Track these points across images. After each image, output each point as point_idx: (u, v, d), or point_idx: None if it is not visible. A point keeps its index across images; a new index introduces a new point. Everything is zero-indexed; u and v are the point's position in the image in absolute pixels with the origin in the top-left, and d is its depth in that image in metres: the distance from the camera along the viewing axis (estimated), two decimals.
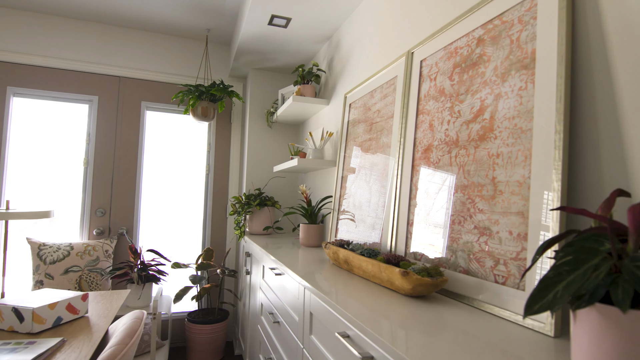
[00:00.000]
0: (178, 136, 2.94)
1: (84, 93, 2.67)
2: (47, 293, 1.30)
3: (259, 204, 2.47)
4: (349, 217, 1.67)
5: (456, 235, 1.01)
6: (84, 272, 2.36)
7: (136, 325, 0.99)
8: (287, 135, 2.89)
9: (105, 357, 0.82)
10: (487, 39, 1.00)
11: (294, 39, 2.30)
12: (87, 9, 2.50)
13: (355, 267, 1.19)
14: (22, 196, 2.54)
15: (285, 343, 1.37)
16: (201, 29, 2.75)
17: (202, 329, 2.48)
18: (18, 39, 2.54)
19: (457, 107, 1.08)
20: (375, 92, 1.59)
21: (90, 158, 2.66)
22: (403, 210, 1.25)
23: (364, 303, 0.89)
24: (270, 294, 1.65)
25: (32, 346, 1.02)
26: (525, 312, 0.50)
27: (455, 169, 1.05)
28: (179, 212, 2.92)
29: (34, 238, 2.39)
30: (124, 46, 2.77)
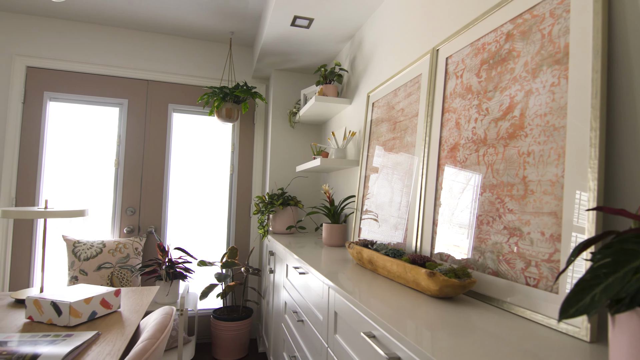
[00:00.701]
0: (203, 137, 3.01)
1: (115, 96, 2.77)
2: (82, 288, 1.36)
3: (281, 203, 2.49)
4: (372, 217, 1.66)
5: (484, 236, 0.98)
6: (115, 269, 2.45)
7: (166, 321, 1.02)
8: (310, 135, 2.91)
9: (138, 350, 0.86)
10: (516, 34, 0.97)
11: (316, 39, 2.31)
12: (117, 16, 2.60)
13: (379, 267, 1.18)
14: (58, 195, 2.68)
15: (309, 342, 1.38)
16: (225, 31, 2.80)
17: (227, 326, 2.53)
18: (53, 46, 2.67)
19: (485, 105, 1.05)
20: (399, 91, 1.58)
21: (121, 159, 2.76)
22: (428, 211, 1.23)
23: (388, 303, 0.89)
24: (294, 293, 1.66)
25: (69, 339, 1.07)
26: (561, 316, 0.48)
27: (483, 168, 1.02)
28: (204, 212, 2.99)
29: (69, 235, 2.51)
30: (152, 51, 2.86)
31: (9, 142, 2.54)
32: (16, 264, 2.55)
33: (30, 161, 2.59)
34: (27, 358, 0.93)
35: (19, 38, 2.62)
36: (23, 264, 2.56)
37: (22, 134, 2.59)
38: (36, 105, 2.63)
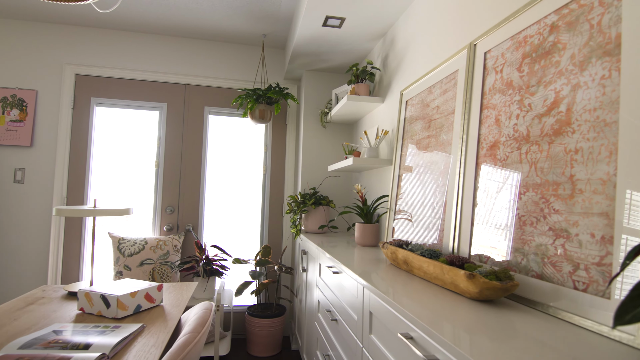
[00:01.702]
0: (237, 138, 3.09)
1: (155, 101, 2.91)
2: (127, 283, 1.44)
3: (314, 203, 2.51)
4: (406, 216, 1.64)
5: (527, 237, 0.94)
6: (157, 265, 2.57)
7: (206, 316, 1.06)
8: (341, 135, 2.90)
9: (181, 343, 0.89)
10: (561, 25, 0.93)
11: (348, 38, 2.30)
12: (157, 24, 2.72)
13: (415, 268, 1.16)
14: (104, 195, 2.84)
15: (343, 341, 1.38)
16: (258, 34, 2.86)
17: (261, 323, 2.58)
18: (99, 54, 2.83)
19: (528, 100, 1.01)
20: (434, 88, 1.54)
21: (161, 160, 2.89)
22: (466, 211, 1.20)
23: (425, 305, 0.87)
24: (328, 292, 1.67)
25: (117, 330, 1.13)
26: (615, 322, 0.46)
27: (526, 166, 0.98)
28: (238, 211, 3.07)
29: (115, 233, 2.66)
30: (188, 56, 2.97)
31: (61, 145, 2.73)
32: (67, 258, 2.73)
33: (79, 163, 2.77)
34: (80, 347, 0.99)
35: (69, 48, 2.81)
36: (73, 258, 2.74)
37: (72, 138, 2.77)
38: (84, 110, 2.80)
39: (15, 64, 2.73)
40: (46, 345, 1.00)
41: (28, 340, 1.02)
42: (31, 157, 2.72)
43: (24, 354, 0.92)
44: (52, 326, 1.15)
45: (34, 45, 2.76)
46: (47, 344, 1.01)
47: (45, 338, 1.05)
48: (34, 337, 1.06)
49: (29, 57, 2.75)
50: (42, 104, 2.75)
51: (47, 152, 2.74)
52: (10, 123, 2.69)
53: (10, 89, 2.71)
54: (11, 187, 2.69)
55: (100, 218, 2.82)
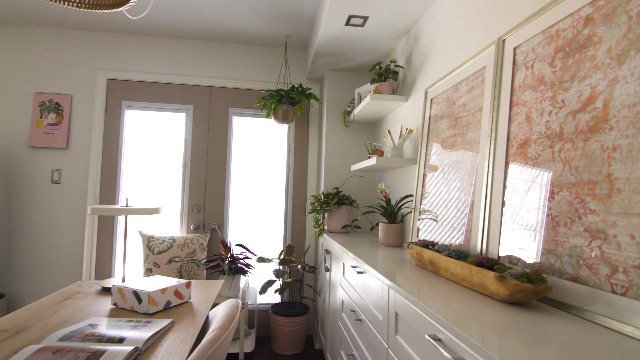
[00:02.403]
0: (261, 138, 3.13)
1: (182, 103, 2.99)
2: (157, 279, 1.49)
3: (337, 202, 2.51)
4: (431, 217, 1.61)
5: (561, 239, 0.91)
6: (184, 262, 2.64)
7: (234, 313, 1.08)
8: (364, 134, 2.89)
9: (209, 339, 0.92)
10: (597, 18, 0.89)
11: (371, 37, 2.29)
12: (184, 28, 2.80)
13: (442, 269, 1.14)
14: (134, 194, 2.95)
15: (368, 341, 1.38)
16: (280, 35, 2.89)
17: (285, 321, 2.60)
18: (129, 59, 2.94)
19: (561, 96, 0.97)
20: (461, 85, 1.51)
21: (188, 161, 2.97)
22: (495, 211, 1.16)
23: (453, 306, 0.86)
24: (352, 292, 1.67)
25: (149, 325, 1.17)
26: None
27: (560, 165, 0.94)
28: (262, 210, 3.11)
29: (145, 231, 2.75)
30: (213, 59, 3.04)
31: (94, 147, 2.85)
32: (100, 255, 2.85)
33: (111, 164, 2.89)
34: (114, 340, 1.04)
35: (101, 54, 2.93)
36: (106, 255, 2.86)
37: (104, 140, 2.89)
38: (115, 113, 2.92)
39: (52, 70, 2.88)
40: (83, 338, 1.05)
41: (67, 333, 1.08)
42: (67, 158, 2.85)
43: (63, 345, 0.97)
44: (88, 320, 1.21)
45: (69, 52, 2.90)
46: (84, 336, 1.06)
47: (82, 331, 1.10)
48: (72, 329, 1.11)
49: (64, 64, 2.89)
50: (76, 107, 2.88)
51: (81, 154, 2.87)
52: (48, 126, 2.84)
53: (47, 94, 2.85)
54: (49, 187, 2.83)
55: (131, 217, 2.92)
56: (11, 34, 2.86)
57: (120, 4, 1.15)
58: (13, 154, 2.81)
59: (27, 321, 1.22)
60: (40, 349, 0.94)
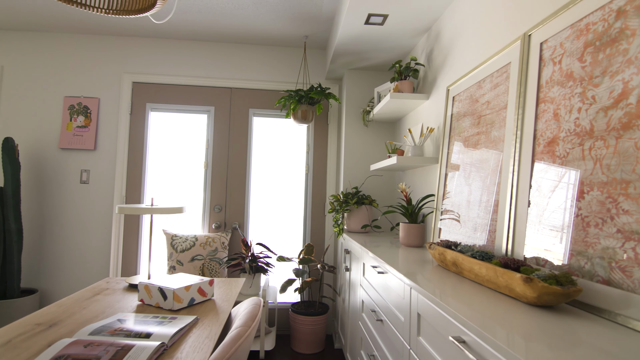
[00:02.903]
0: (280, 139, 3.15)
1: (203, 104, 3.05)
2: (181, 277, 1.52)
3: (356, 202, 2.50)
4: (453, 217, 1.58)
5: (592, 240, 0.88)
6: (206, 261, 2.69)
7: (256, 311, 1.10)
8: (384, 134, 2.87)
9: (233, 336, 0.93)
10: (629, 10, 0.85)
11: (391, 35, 2.27)
12: (206, 31, 2.85)
13: (465, 270, 1.12)
14: (158, 194, 3.03)
15: (389, 342, 1.37)
16: (300, 36, 2.90)
17: (305, 320, 2.62)
18: (153, 63, 3.02)
19: (591, 92, 0.94)
20: (484, 82, 1.48)
21: (209, 161, 3.02)
22: (521, 211, 1.13)
23: (477, 308, 0.84)
24: (372, 292, 1.66)
25: (174, 321, 1.21)
26: None
27: (590, 163, 0.91)
28: (281, 209, 3.13)
29: (168, 230, 2.82)
30: (234, 60, 3.08)
31: (120, 148, 2.95)
32: (126, 253, 2.94)
33: (136, 164, 2.98)
34: (142, 335, 1.07)
35: (126, 58, 3.02)
36: (131, 253, 2.95)
37: (130, 141, 2.98)
38: (140, 115, 3.00)
39: (81, 75, 2.99)
40: (112, 332, 1.09)
41: (97, 328, 1.12)
42: (95, 159, 2.96)
43: (93, 339, 1.01)
44: (117, 315, 1.25)
45: (96, 56, 3.01)
46: (113, 331, 1.09)
47: (111, 326, 1.14)
48: (101, 324, 1.15)
49: (92, 68, 3.00)
50: (103, 110, 2.98)
51: (108, 155, 2.97)
52: (77, 129, 2.95)
53: (76, 97, 2.97)
54: (78, 187, 2.95)
55: (155, 216, 3.00)
56: (43, 41, 2.99)
57: (146, 9, 1.18)
58: (45, 156, 2.94)
59: (60, 315, 1.27)
60: (72, 342, 0.98)
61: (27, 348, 1.01)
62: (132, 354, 0.92)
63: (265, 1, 2.40)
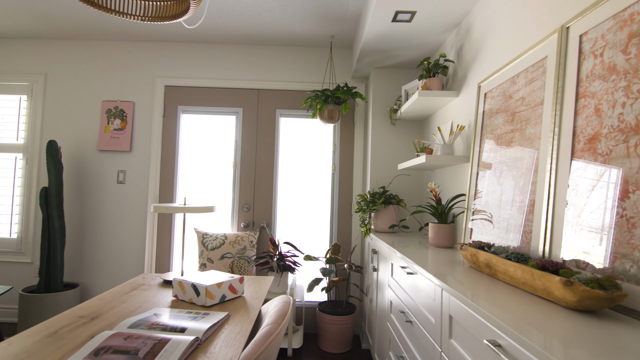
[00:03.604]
0: (307, 139, 3.17)
1: (232, 106, 3.12)
2: (213, 274, 1.57)
3: (383, 202, 2.48)
4: (485, 217, 1.54)
5: (638, 242, 0.83)
6: (235, 259, 2.75)
7: (286, 308, 1.11)
8: (411, 132, 2.83)
9: (264, 332, 0.95)
10: None
11: (418, 32, 2.23)
12: (234, 34, 2.91)
13: (499, 272, 1.09)
14: (188, 193, 3.12)
15: (419, 344, 1.35)
16: (326, 36, 2.91)
17: (332, 319, 2.62)
18: (184, 67, 3.12)
19: (637, 86, 0.88)
20: (518, 78, 1.43)
21: (238, 161, 3.09)
22: (559, 211, 1.09)
23: (512, 312, 0.81)
24: (401, 293, 1.64)
25: (207, 317, 1.24)
26: None
27: (636, 161, 0.86)
28: (308, 209, 3.15)
29: (200, 228, 2.90)
30: (261, 62, 3.13)
31: (154, 149, 3.06)
32: (159, 250, 3.06)
33: (169, 165, 3.08)
34: (177, 330, 1.11)
35: (159, 62, 3.13)
36: (164, 250, 3.06)
37: (163, 143, 3.09)
38: (172, 118, 3.11)
39: (117, 80, 3.13)
40: (149, 326, 1.13)
41: (135, 321, 1.17)
42: (130, 160, 3.09)
43: (133, 332, 1.05)
44: (153, 310, 1.30)
45: (131, 62, 3.14)
46: (151, 325, 1.14)
47: (148, 320, 1.19)
48: (139, 318, 1.20)
49: (127, 73, 3.13)
50: (138, 113, 3.11)
51: (142, 156, 3.09)
52: (114, 131, 3.09)
53: (113, 101, 3.11)
54: (115, 187, 3.09)
55: (187, 214, 3.10)
56: (82, 49, 3.15)
57: (179, 15, 1.22)
58: (84, 157, 3.10)
59: (101, 309, 1.34)
60: (113, 335, 1.03)
61: (72, 339, 1.07)
62: (169, 347, 0.95)
63: (291, 2, 2.43)
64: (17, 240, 3.10)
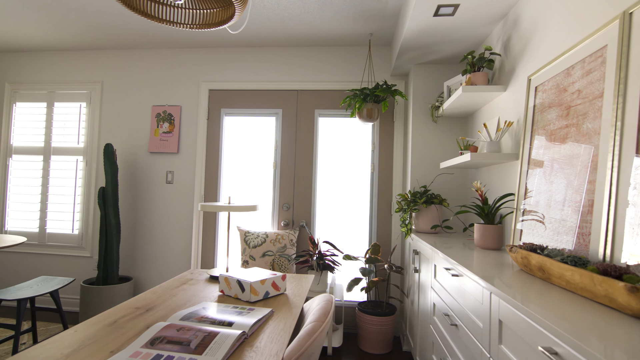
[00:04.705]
0: (345, 138, 3.17)
1: (272, 107, 3.18)
2: (256, 271, 1.61)
3: (425, 201, 2.42)
4: (536, 217, 1.46)
5: None
6: (276, 257, 2.81)
7: (328, 307, 1.12)
8: (454, 130, 2.73)
9: (308, 330, 0.97)
10: None
11: (462, 26, 2.15)
12: (273, 37, 2.98)
13: (554, 276, 1.03)
14: (231, 193, 3.23)
15: (465, 348, 1.31)
16: (364, 34, 2.89)
17: (372, 320, 2.60)
18: (226, 71, 3.23)
19: None
20: (574, 69, 1.34)
21: (278, 161, 3.15)
22: (622, 212, 1.01)
23: (569, 318, 0.77)
24: (445, 295, 1.60)
25: (252, 312, 1.28)
26: None
27: None
28: (347, 208, 3.15)
29: (242, 226, 3.00)
30: (300, 63, 3.17)
31: (199, 151, 3.21)
32: (204, 247, 3.19)
33: (213, 165, 3.21)
34: (224, 323, 1.15)
35: (204, 67, 3.27)
36: (209, 247, 3.19)
37: (207, 144, 3.22)
38: (216, 120, 3.23)
39: (165, 85, 3.31)
40: (199, 319, 1.19)
41: (186, 314, 1.23)
42: (178, 161, 3.26)
43: (184, 324, 1.11)
44: (201, 304, 1.36)
45: (178, 68, 3.31)
46: (200, 318, 1.20)
47: (197, 313, 1.25)
48: (189, 311, 1.27)
49: (175, 79, 3.30)
50: (184, 117, 3.27)
51: (189, 157, 3.24)
52: (163, 134, 3.27)
53: (162, 106, 3.29)
54: (164, 187, 3.27)
55: (230, 213, 3.21)
56: (134, 57, 3.37)
57: (225, 21, 1.27)
58: (137, 159, 3.31)
59: (154, 301, 1.42)
60: (167, 326, 1.09)
61: (130, 328, 1.14)
62: (218, 340, 0.99)
63: (330, 2, 2.44)
64: (79, 236, 3.37)
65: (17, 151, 3.50)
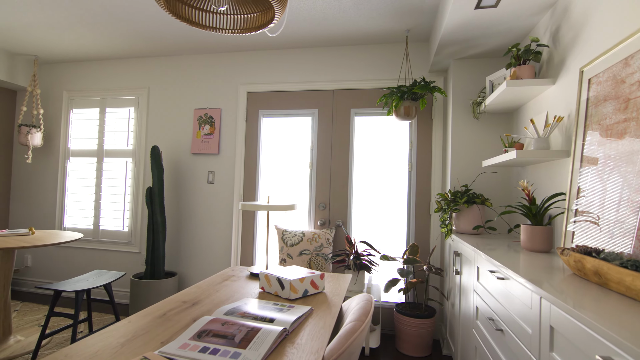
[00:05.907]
0: (382, 137, 3.14)
1: (308, 108, 3.21)
2: (295, 269, 1.64)
3: (466, 201, 2.34)
4: (590, 218, 1.36)
5: None
6: (312, 255, 2.84)
7: (368, 307, 1.12)
8: (497, 126, 2.62)
9: (348, 329, 0.97)
10: None
11: (505, 17, 2.06)
12: (309, 38, 3.00)
13: (612, 281, 0.96)
14: (269, 192, 3.30)
15: (511, 355, 1.25)
16: (401, 30, 2.84)
17: (410, 322, 2.55)
18: (263, 73, 3.31)
19: None
20: (632, 59, 1.24)
21: (314, 161, 3.18)
22: None
23: (630, 326, 0.71)
24: (489, 298, 1.54)
25: (292, 309, 1.30)
26: None
27: None
28: (384, 208, 3.11)
29: (280, 225, 3.05)
30: (335, 63, 3.18)
31: (238, 152, 3.30)
32: (244, 245, 3.28)
33: (251, 165, 3.30)
34: (266, 320, 1.18)
35: (242, 71, 3.36)
36: (248, 245, 3.28)
37: (246, 145, 3.31)
38: (254, 121, 3.31)
39: (206, 89, 3.44)
40: (242, 314, 1.23)
41: (229, 309, 1.28)
42: (218, 162, 3.37)
43: (228, 319, 1.15)
44: (243, 300, 1.41)
45: (217, 71, 3.42)
46: (242, 313, 1.24)
47: (240, 309, 1.29)
48: (232, 307, 1.31)
49: (214, 82, 3.43)
50: (224, 119, 3.38)
51: (228, 158, 3.35)
52: (204, 136, 3.40)
53: (203, 109, 3.42)
54: (205, 187, 3.40)
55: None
56: (177, 63, 3.53)
57: (264, 25, 1.31)
58: (180, 160, 3.47)
59: (199, 296, 1.49)
60: (212, 320, 1.14)
61: (178, 321, 1.20)
62: (261, 336, 1.02)
63: (366, 0, 2.42)
64: (128, 233, 3.59)
65: (74, 154, 3.79)
